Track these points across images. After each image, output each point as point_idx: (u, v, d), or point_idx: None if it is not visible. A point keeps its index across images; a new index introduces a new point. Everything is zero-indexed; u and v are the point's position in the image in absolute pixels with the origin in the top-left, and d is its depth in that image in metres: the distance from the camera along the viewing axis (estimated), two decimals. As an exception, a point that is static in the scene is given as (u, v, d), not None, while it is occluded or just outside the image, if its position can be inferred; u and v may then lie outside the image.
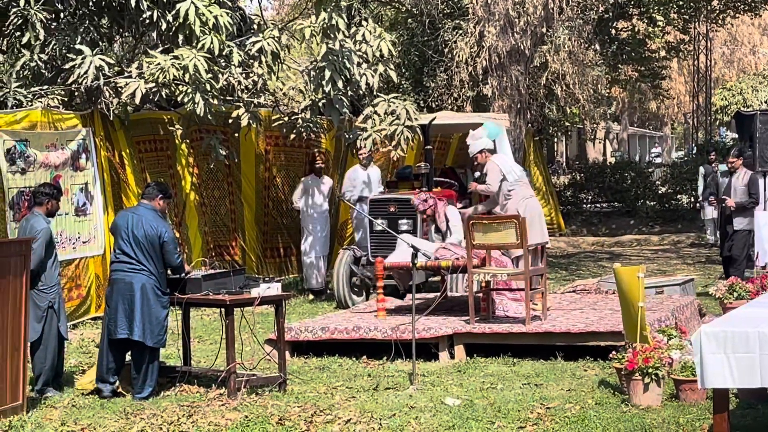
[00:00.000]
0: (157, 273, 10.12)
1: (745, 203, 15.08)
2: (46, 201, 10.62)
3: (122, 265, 10.13)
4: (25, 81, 14.50)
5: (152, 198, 10.35)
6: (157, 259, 10.11)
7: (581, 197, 31.02)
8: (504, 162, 13.70)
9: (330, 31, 14.79)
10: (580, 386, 10.14)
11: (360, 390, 10.30)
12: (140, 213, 10.23)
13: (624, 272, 10.00)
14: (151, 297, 10.08)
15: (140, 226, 10.09)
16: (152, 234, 10.07)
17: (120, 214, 10.52)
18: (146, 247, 10.05)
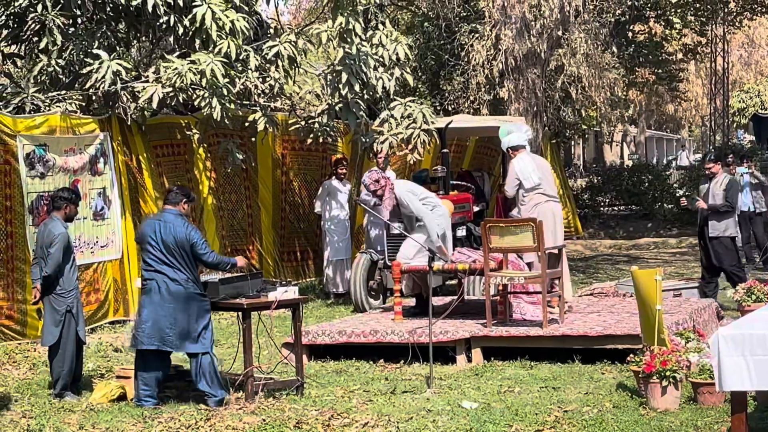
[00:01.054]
0: (192, 277, 9.95)
1: (719, 207, 14.78)
2: (64, 205, 10.64)
3: (155, 274, 9.92)
4: (43, 86, 14.57)
5: (177, 203, 10.20)
6: (191, 263, 9.94)
7: (599, 200, 30.97)
8: (523, 167, 13.61)
9: (347, 35, 14.80)
10: (597, 389, 10.12)
11: (377, 393, 10.31)
12: (167, 219, 10.03)
13: (642, 275, 9.98)
14: (190, 304, 9.90)
15: (169, 232, 9.91)
16: (182, 239, 9.90)
17: (146, 222, 10.35)
18: (178, 253, 9.88)
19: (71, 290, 10.49)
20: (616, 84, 24.07)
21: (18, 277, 13.08)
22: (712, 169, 14.97)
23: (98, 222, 14.32)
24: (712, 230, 14.82)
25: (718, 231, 14.83)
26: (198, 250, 9.95)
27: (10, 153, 13.06)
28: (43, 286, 10.42)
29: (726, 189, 14.72)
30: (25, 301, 12.97)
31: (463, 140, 21.62)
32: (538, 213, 13.24)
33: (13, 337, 12.96)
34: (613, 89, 23.68)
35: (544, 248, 11.90)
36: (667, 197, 30.26)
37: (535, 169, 13.65)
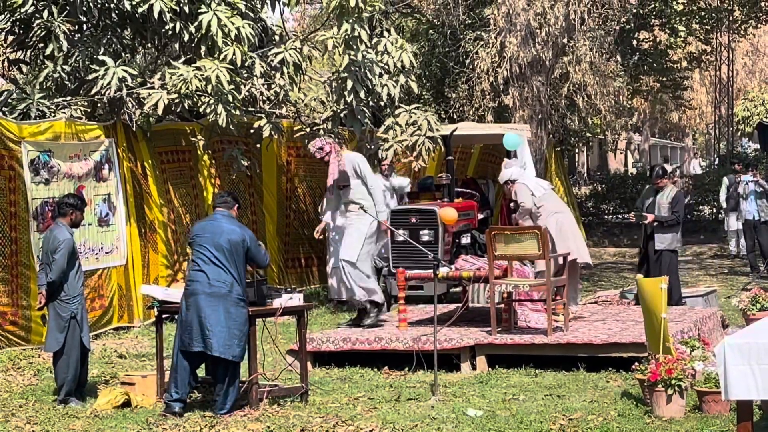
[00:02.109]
0: (240, 280, 9.87)
1: (666, 219, 14.83)
2: (70, 212, 10.65)
3: (201, 274, 9.81)
4: (49, 92, 14.58)
5: (230, 207, 10.22)
6: (242, 265, 9.90)
7: (603, 208, 30.98)
8: (529, 182, 13.72)
9: (352, 42, 14.81)
10: (602, 397, 10.11)
11: (382, 401, 10.30)
12: (220, 221, 10.02)
13: (647, 283, 9.98)
14: (233, 309, 9.79)
15: (222, 233, 9.89)
16: (237, 240, 9.88)
17: (198, 225, 10.29)
18: (231, 254, 9.82)
19: (76, 296, 10.49)
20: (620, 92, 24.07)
21: (22, 283, 13.09)
22: (660, 183, 15.01)
23: (103, 228, 14.32)
24: (659, 243, 14.85)
25: (664, 244, 14.86)
26: (254, 251, 10.02)
27: (15, 159, 13.07)
28: (48, 292, 10.43)
29: (672, 202, 14.78)
30: (30, 307, 12.98)
31: (467, 147, 21.62)
32: (556, 221, 13.26)
33: (18, 343, 12.96)
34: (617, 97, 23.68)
35: (549, 256, 11.90)
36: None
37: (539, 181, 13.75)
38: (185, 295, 9.96)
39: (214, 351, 9.73)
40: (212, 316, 9.73)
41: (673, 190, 15.10)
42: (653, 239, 14.84)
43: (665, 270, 14.51)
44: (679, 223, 15.06)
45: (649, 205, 14.94)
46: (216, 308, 9.74)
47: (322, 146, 13.11)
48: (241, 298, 9.88)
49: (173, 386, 9.87)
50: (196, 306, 9.78)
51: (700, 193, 30.59)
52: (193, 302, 9.82)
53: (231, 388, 9.85)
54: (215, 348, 9.71)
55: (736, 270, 21.92)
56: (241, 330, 9.83)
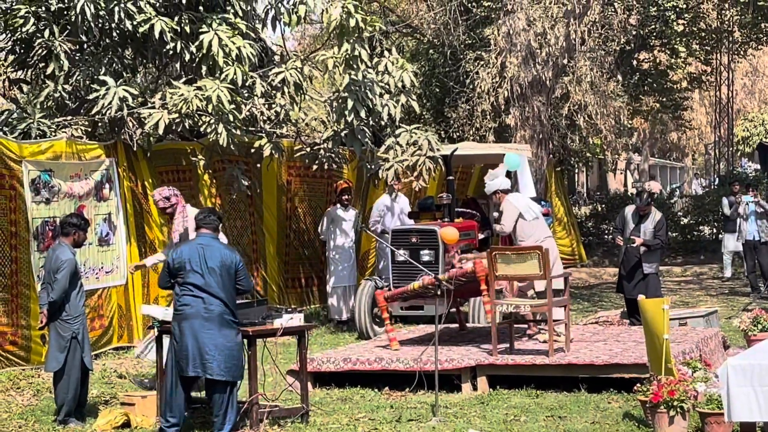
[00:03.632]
0: (231, 302, 9.78)
1: (653, 243, 15.02)
2: (73, 232, 10.65)
3: (195, 299, 9.69)
4: (49, 111, 14.58)
5: (216, 228, 10.09)
6: (232, 287, 9.80)
7: (603, 228, 30.92)
8: (520, 203, 13.59)
9: (352, 62, 14.82)
10: (604, 419, 10.07)
11: (382, 421, 10.27)
12: (209, 243, 9.87)
13: (648, 304, 9.96)
14: (228, 330, 9.73)
15: (214, 256, 9.76)
16: (229, 262, 9.78)
17: (185, 247, 10.00)
18: (222, 276, 9.71)
19: (77, 316, 10.47)
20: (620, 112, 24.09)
21: (22, 303, 13.05)
22: (646, 210, 15.19)
23: (103, 248, 14.30)
24: (647, 267, 15.22)
25: (652, 268, 15.24)
26: (243, 274, 9.87)
27: (16, 178, 13.05)
28: (49, 311, 10.41)
29: (656, 227, 14.97)
30: (30, 327, 12.94)
31: (468, 167, 21.63)
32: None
33: (17, 363, 12.91)
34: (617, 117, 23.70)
35: (551, 276, 11.87)
36: (671, 225, 30.24)
37: (531, 204, 13.65)
38: (179, 319, 9.81)
39: (216, 375, 9.65)
40: (210, 340, 9.64)
41: (658, 214, 15.30)
42: (640, 262, 15.02)
43: (652, 292, 14.65)
44: (664, 246, 15.54)
45: (633, 230, 15.09)
46: (212, 332, 9.66)
47: (168, 196, 12.24)
48: (234, 320, 9.82)
49: (168, 411, 9.80)
50: (192, 331, 9.66)
51: (700, 213, 30.56)
52: (188, 327, 9.68)
53: (230, 409, 9.78)
54: (216, 372, 9.64)
55: (737, 291, 21.89)
56: (239, 351, 9.80)
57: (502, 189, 13.68)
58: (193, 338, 9.65)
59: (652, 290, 14.83)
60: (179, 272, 9.80)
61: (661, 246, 15.26)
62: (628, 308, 15.35)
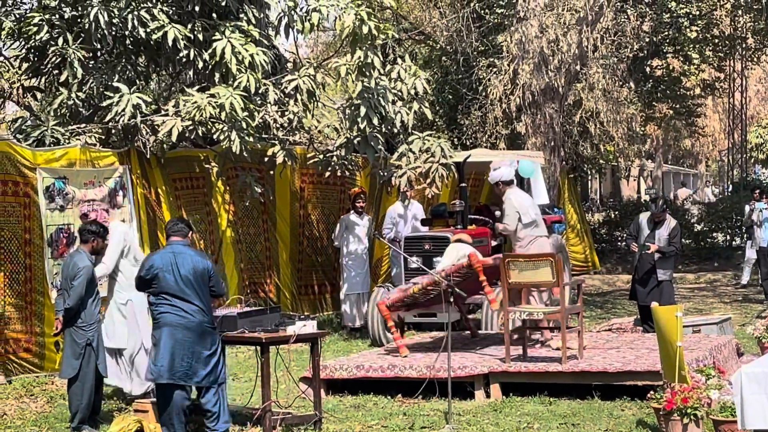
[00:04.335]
0: (207, 308, 9.85)
1: (668, 251, 15.00)
2: (91, 239, 10.70)
3: (172, 308, 9.75)
4: (63, 119, 14.62)
5: (185, 235, 10.13)
6: (206, 293, 9.85)
7: (616, 235, 30.87)
8: (521, 201, 13.55)
9: (365, 69, 14.83)
10: (617, 426, 10.06)
11: (395, 429, 10.27)
12: (181, 251, 9.91)
13: (662, 311, 9.94)
14: (208, 337, 9.82)
15: (186, 263, 9.80)
16: (201, 268, 9.83)
17: (156, 256, 10.08)
18: (196, 283, 9.77)
19: (92, 324, 10.49)
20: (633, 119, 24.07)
21: (36, 310, 13.09)
22: (660, 218, 15.15)
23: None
24: (662, 274, 15.13)
25: (666, 275, 15.17)
26: (216, 279, 9.96)
27: (30, 186, 13.10)
28: (65, 318, 10.42)
29: (670, 234, 14.94)
30: (44, 334, 12.99)
31: (480, 174, 21.58)
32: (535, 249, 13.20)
33: (31, 370, 12.96)
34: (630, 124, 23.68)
35: (564, 283, 11.87)
36: (684, 232, 30.17)
37: (531, 206, 13.61)
38: (155, 327, 9.88)
39: (201, 382, 9.79)
40: (188, 348, 9.72)
41: (672, 221, 15.24)
42: (654, 269, 14.98)
43: (666, 299, 14.62)
44: (678, 253, 15.49)
45: (648, 237, 15.05)
46: (191, 340, 9.73)
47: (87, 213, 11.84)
48: (210, 326, 9.89)
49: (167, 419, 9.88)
50: (171, 340, 9.72)
51: (714, 220, 30.49)
52: (167, 336, 9.73)
53: (222, 408, 9.91)
54: (200, 380, 9.78)
55: (751, 297, 21.84)
56: (215, 355, 9.88)
57: (504, 180, 13.65)
58: (173, 348, 9.70)
59: (666, 297, 14.81)
60: (152, 282, 9.84)
61: (676, 253, 15.27)
62: (641, 315, 15.32)
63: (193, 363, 9.75)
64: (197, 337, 9.76)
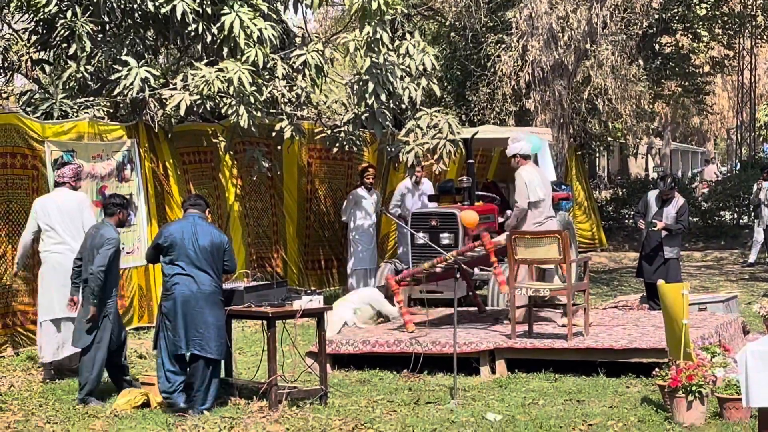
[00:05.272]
0: (219, 281, 10.01)
1: (675, 228, 15.00)
2: (117, 211, 10.82)
3: (186, 278, 9.88)
4: (71, 92, 14.62)
5: (203, 210, 10.29)
6: (220, 266, 10.00)
7: (623, 212, 30.86)
8: (531, 179, 13.49)
9: (374, 45, 14.81)
10: (622, 403, 10.08)
11: (401, 404, 10.30)
12: (198, 223, 10.05)
13: (668, 289, 9.95)
14: (218, 310, 9.97)
15: (205, 234, 9.95)
16: (218, 242, 9.98)
17: (173, 227, 10.22)
18: (212, 256, 9.90)
19: (111, 297, 10.53)
20: (642, 96, 24.01)
21: (44, 283, 13.10)
22: (669, 195, 15.14)
23: (124, 228, 14.31)
24: (668, 252, 15.14)
25: (673, 253, 15.18)
26: (230, 254, 10.09)
27: (38, 158, 13.12)
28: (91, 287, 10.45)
29: (678, 211, 14.94)
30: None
31: (488, 151, 21.60)
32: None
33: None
34: (639, 101, 23.63)
35: (570, 260, 11.88)
36: (692, 210, 30.16)
37: (540, 185, 13.53)
38: (168, 298, 10.00)
39: (210, 353, 9.90)
40: (202, 318, 9.87)
41: (680, 199, 15.23)
42: (660, 247, 14.98)
43: (672, 276, 14.62)
44: (685, 230, 15.55)
45: (655, 214, 15.04)
46: (204, 310, 9.88)
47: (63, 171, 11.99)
48: (222, 298, 10.07)
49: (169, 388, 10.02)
50: (185, 309, 9.87)
51: (720, 198, 30.45)
52: (181, 306, 9.88)
53: (212, 386, 10.03)
54: (210, 350, 9.89)
55: (757, 276, 21.83)
56: (223, 329, 10.06)
57: (522, 153, 13.60)
58: (187, 317, 9.86)
59: (673, 275, 14.82)
60: (170, 250, 9.97)
61: (683, 231, 15.29)
62: (647, 292, 15.34)
63: (209, 333, 9.86)
64: (209, 307, 9.88)
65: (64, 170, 11.84)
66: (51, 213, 11.67)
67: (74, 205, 11.59)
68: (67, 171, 11.83)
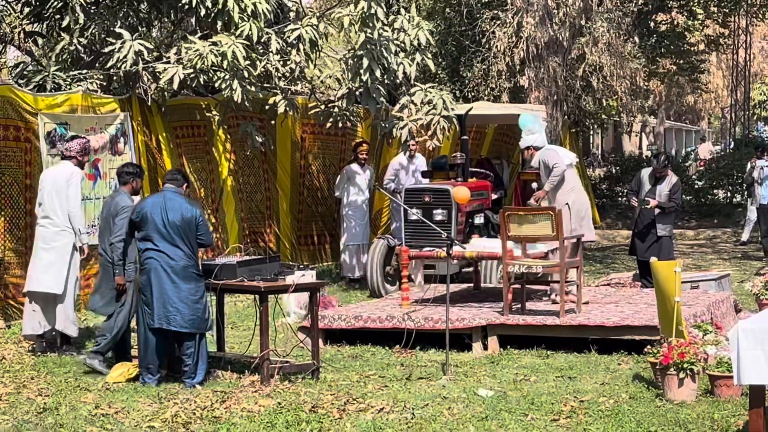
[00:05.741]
0: (194, 256, 10.06)
1: (668, 206, 15.01)
2: (131, 180, 10.98)
3: (158, 253, 9.95)
4: (64, 65, 14.57)
5: (180, 185, 10.33)
6: (193, 241, 10.02)
7: (617, 190, 30.89)
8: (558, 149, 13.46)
9: (369, 20, 14.76)
10: (614, 380, 10.10)
11: (392, 379, 10.31)
12: (171, 197, 10.09)
13: (661, 266, 9.96)
14: (192, 284, 10.01)
15: (175, 210, 9.98)
16: (189, 216, 9.99)
17: (145, 202, 10.27)
18: (183, 231, 9.94)
19: (132, 263, 10.59)
20: (637, 74, 23.99)
21: (36, 255, 13.09)
22: (663, 173, 15.13)
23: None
24: (661, 230, 15.16)
25: (666, 230, 15.19)
26: (203, 228, 10.10)
27: (32, 131, 13.08)
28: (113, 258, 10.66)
29: (671, 189, 14.94)
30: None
31: (482, 127, 21.58)
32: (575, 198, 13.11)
33: (31, 315, 12.99)
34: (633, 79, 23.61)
35: (563, 237, 11.88)
36: (685, 189, 30.18)
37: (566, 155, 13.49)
38: (143, 273, 10.09)
39: (179, 327, 9.96)
40: (173, 292, 9.93)
41: (674, 177, 15.23)
42: (653, 224, 14.99)
43: (665, 254, 14.63)
44: (678, 208, 15.50)
45: (648, 192, 15.05)
46: (176, 284, 9.93)
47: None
48: (197, 272, 10.08)
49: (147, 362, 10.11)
50: (156, 283, 9.95)
51: (714, 177, 30.46)
52: (153, 280, 9.96)
53: (200, 359, 10.06)
54: (180, 324, 9.95)
55: (750, 255, 21.88)
56: (201, 303, 10.05)
57: (537, 146, 13.53)
58: (158, 291, 9.93)
59: (665, 253, 14.83)
60: (142, 226, 10.06)
61: (676, 209, 15.29)
62: (640, 270, 15.36)
63: (180, 307, 9.94)
64: (183, 282, 9.94)
65: (72, 144, 11.74)
66: (45, 187, 11.67)
67: (64, 179, 11.57)
68: (74, 145, 11.72)
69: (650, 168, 15.48)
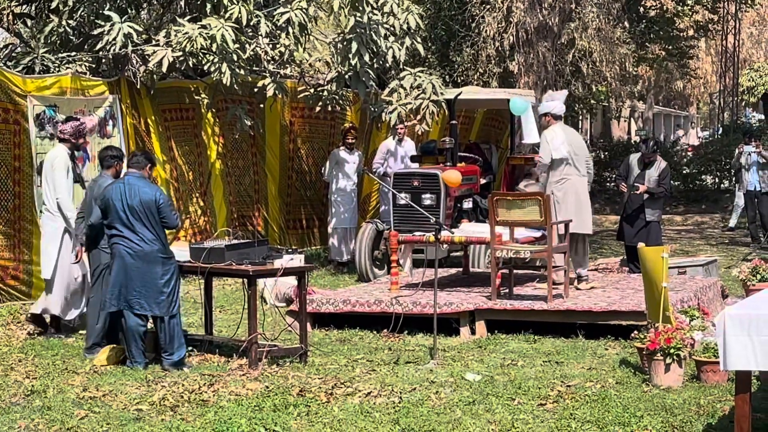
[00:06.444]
0: (158, 238, 10.05)
1: (657, 191, 15.04)
2: (114, 163, 10.98)
3: (121, 239, 10.01)
4: (53, 47, 14.52)
5: (143, 167, 10.29)
6: (156, 224, 10.02)
7: (605, 176, 30.92)
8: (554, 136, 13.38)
9: (358, 4, 14.74)
10: (600, 365, 10.14)
11: (380, 363, 10.33)
12: (131, 182, 10.09)
13: (648, 252, 9.98)
14: (158, 267, 10.02)
15: (134, 194, 9.99)
16: (148, 199, 9.98)
17: (108, 188, 10.28)
18: (145, 215, 9.96)
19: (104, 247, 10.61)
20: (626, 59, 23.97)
21: (24, 238, 13.10)
22: (651, 158, 15.16)
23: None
24: (650, 215, 15.19)
25: (654, 216, 15.22)
26: (165, 211, 10.07)
27: (20, 113, 13.05)
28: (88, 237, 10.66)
29: (660, 175, 14.96)
30: (32, 262, 13.01)
31: (471, 112, 21.56)
32: (563, 189, 13.09)
33: (19, 298, 13.00)
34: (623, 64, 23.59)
35: (551, 222, 11.90)
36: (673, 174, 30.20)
37: (564, 142, 13.35)
38: (112, 257, 10.17)
39: (146, 310, 10.05)
40: (138, 276, 9.99)
41: (662, 163, 15.25)
42: (642, 209, 15.01)
43: (653, 239, 14.65)
44: (667, 194, 15.55)
45: (637, 177, 15.06)
46: (140, 269, 9.98)
47: None
48: (163, 255, 10.09)
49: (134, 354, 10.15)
50: (121, 268, 10.02)
51: (703, 162, 30.52)
52: (118, 264, 10.04)
53: (175, 338, 10.09)
54: (146, 307, 10.03)
55: (737, 240, 21.95)
56: (168, 285, 10.07)
57: (554, 113, 13.40)
58: (122, 275, 10.01)
59: (653, 238, 14.86)
60: (107, 213, 10.13)
61: (664, 194, 15.31)
62: (627, 255, 15.39)
63: (144, 291, 9.98)
64: (147, 265, 9.98)
65: (65, 126, 11.66)
66: (43, 171, 11.68)
67: (49, 164, 11.54)
68: (67, 128, 11.62)
69: (639, 153, 15.50)
